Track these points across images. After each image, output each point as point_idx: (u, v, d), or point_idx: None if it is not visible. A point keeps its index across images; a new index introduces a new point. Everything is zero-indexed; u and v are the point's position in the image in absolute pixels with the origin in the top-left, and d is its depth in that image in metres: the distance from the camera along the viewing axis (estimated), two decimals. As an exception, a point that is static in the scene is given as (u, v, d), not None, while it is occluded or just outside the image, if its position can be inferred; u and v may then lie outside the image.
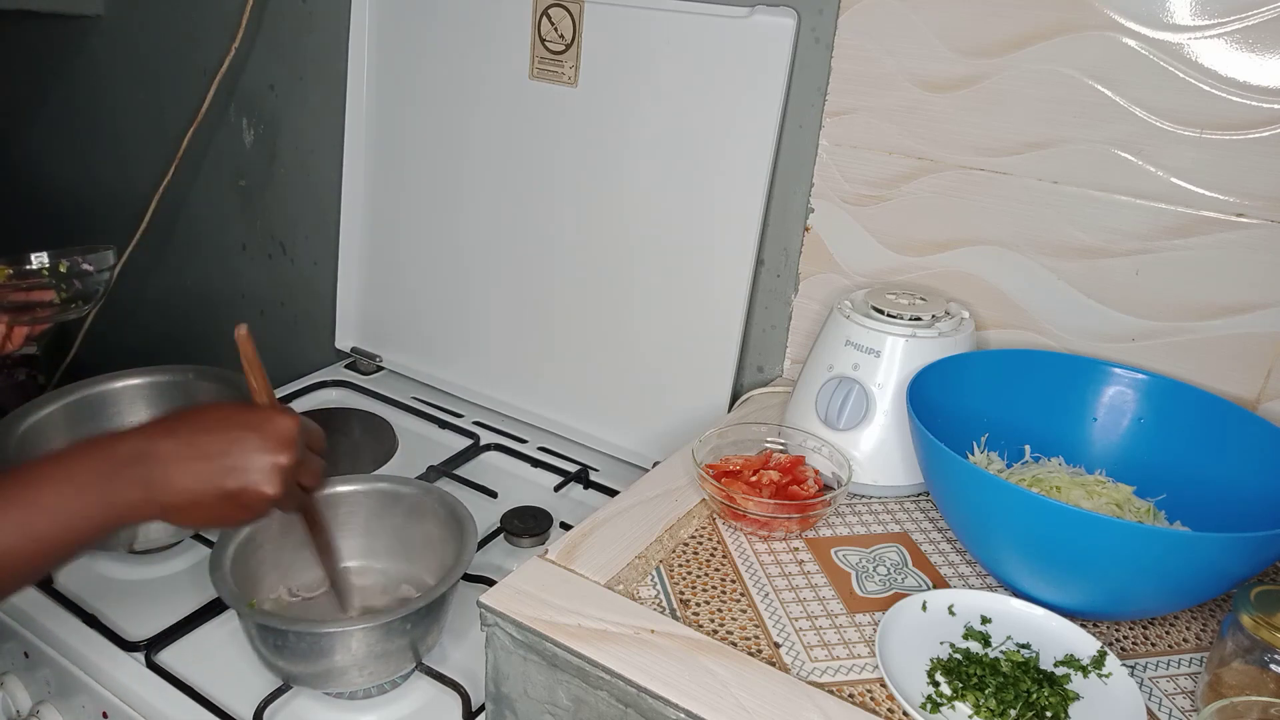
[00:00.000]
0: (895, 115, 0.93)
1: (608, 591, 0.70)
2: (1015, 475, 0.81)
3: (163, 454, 0.63)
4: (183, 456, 0.64)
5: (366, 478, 0.94)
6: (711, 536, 0.78)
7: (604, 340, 1.15)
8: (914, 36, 0.90)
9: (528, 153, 1.15)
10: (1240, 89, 0.77)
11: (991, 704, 0.60)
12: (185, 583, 0.96)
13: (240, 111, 1.47)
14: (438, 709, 0.83)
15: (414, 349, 1.35)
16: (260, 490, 0.65)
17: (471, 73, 1.17)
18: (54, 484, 0.61)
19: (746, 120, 0.99)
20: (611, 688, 0.63)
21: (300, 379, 1.34)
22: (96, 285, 0.92)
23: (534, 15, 1.10)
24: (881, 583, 0.74)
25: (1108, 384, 0.82)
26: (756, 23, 0.96)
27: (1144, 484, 0.79)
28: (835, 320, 0.87)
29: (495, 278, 1.23)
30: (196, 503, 0.64)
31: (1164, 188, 0.82)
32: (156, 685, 0.83)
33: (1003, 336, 0.93)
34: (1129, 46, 0.80)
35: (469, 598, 0.88)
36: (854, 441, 0.84)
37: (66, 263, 0.90)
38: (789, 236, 1.03)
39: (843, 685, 0.63)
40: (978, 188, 0.90)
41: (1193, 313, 0.84)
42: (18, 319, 0.90)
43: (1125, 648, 0.68)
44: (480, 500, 1.09)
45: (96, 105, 1.66)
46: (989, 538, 0.70)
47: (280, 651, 0.78)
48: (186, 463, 0.63)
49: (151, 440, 0.64)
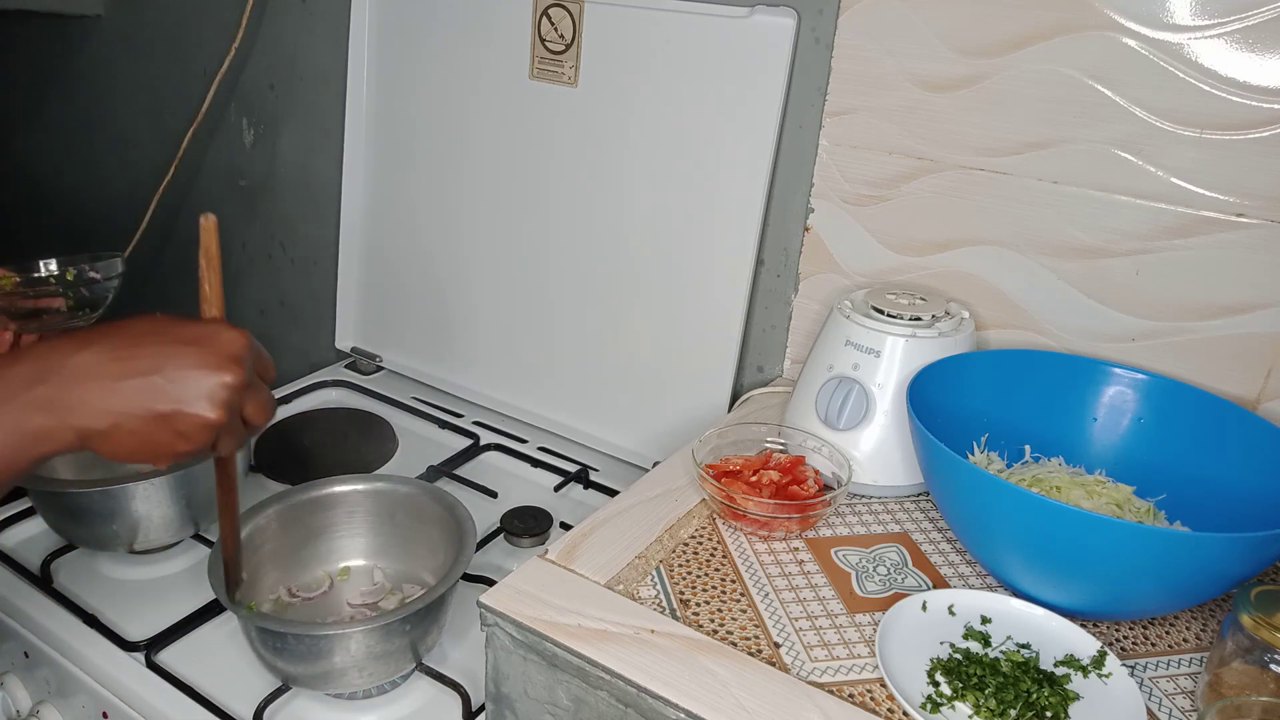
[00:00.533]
0: (895, 115, 0.93)
1: (608, 591, 0.70)
2: (1015, 475, 0.80)
3: (77, 369, 0.54)
4: (102, 373, 0.55)
5: (366, 478, 0.94)
6: (711, 536, 0.78)
7: (604, 340, 1.15)
8: (914, 36, 0.90)
9: (527, 153, 1.15)
10: (1240, 89, 0.77)
11: (991, 704, 0.60)
12: (185, 583, 0.95)
13: (240, 111, 1.47)
14: (438, 709, 0.83)
15: (414, 349, 1.35)
16: (199, 413, 0.56)
17: (471, 73, 1.17)
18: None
19: (746, 120, 0.99)
20: (611, 688, 0.63)
21: (300, 379, 1.34)
22: (104, 293, 0.92)
23: (534, 15, 1.10)
24: (881, 583, 0.74)
25: (1108, 384, 0.82)
26: (756, 23, 0.96)
27: (1144, 484, 0.79)
28: (835, 320, 0.87)
29: (495, 278, 1.23)
30: (119, 426, 0.55)
31: (1164, 188, 0.82)
32: (156, 685, 0.83)
33: (1003, 336, 0.93)
34: (1129, 46, 0.80)
35: (469, 598, 0.88)
36: (854, 441, 0.84)
37: (74, 270, 0.90)
38: (789, 236, 1.03)
39: (843, 685, 0.63)
40: (978, 188, 0.90)
41: (1193, 313, 0.84)
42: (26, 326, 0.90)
43: (1125, 648, 0.68)
44: (480, 500, 1.09)
45: (96, 106, 1.66)
46: (989, 538, 0.70)
47: (280, 653, 0.78)
48: (107, 381, 0.54)
49: (62, 354, 0.55)
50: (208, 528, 0.98)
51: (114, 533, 0.92)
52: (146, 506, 0.92)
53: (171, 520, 0.94)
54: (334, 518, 0.92)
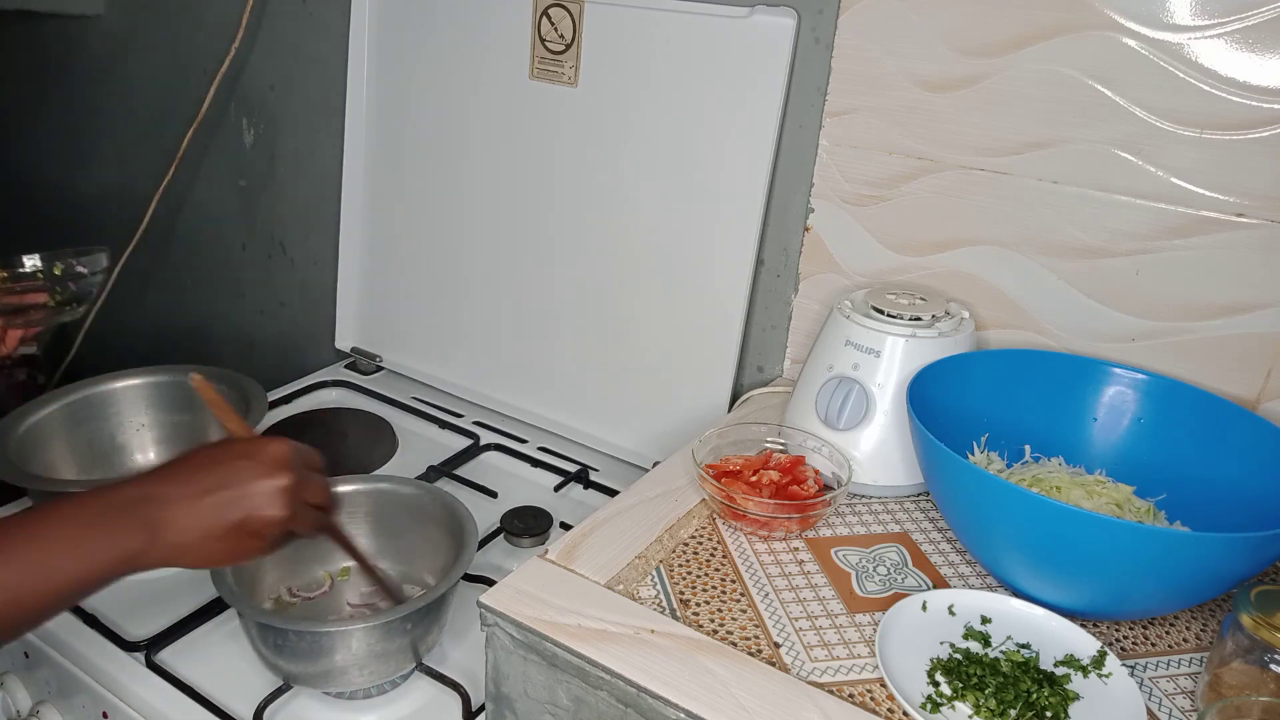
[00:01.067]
0: (895, 115, 0.93)
1: (608, 591, 0.70)
2: (1015, 475, 0.81)
3: (163, 495, 0.64)
4: (183, 496, 0.64)
5: (366, 478, 0.94)
6: (711, 536, 0.78)
7: (604, 340, 1.15)
8: (914, 36, 0.90)
9: (528, 153, 1.15)
10: (1240, 89, 0.77)
11: (991, 704, 0.60)
12: (185, 583, 0.95)
13: (240, 111, 1.47)
14: (438, 709, 0.83)
15: (414, 349, 1.35)
16: (266, 514, 0.66)
17: (471, 73, 1.17)
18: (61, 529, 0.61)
19: (746, 120, 0.99)
20: (611, 688, 0.63)
21: (300, 379, 1.34)
22: (90, 287, 0.92)
23: (534, 15, 1.10)
24: (881, 583, 0.74)
25: (1108, 384, 0.82)
26: (756, 23, 0.96)
27: (1144, 484, 0.79)
28: (835, 320, 0.87)
29: (495, 278, 1.23)
30: (205, 538, 0.65)
31: (1164, 188, 0.82)
32: (156, 685, 0.83)
33: (1003, 336, 0.93)
34: (1129, 46, 0.80)
35: (469, 598, 0.88)
36: (854, 441, 0.84)
37: (61, 265, 0.90)
38: (789, 236, 1.03)
39: (843, 685, 0.63)
40: (978, 188, 0.90)
41: (1193, 313, 0.84)
42: (11, 322, 0.90)
43: (1125, 648, 0.68)
44: (480, 500, 1.09)
45: (96, 105, 1.66)
46: (989, 538, 0.70)
47: (280, 651, 0.78)
48: (188, 501, 0.64)
49: (152, 484, 0.65)
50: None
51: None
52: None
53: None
54: (334, 518, 0.92)
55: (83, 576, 0.61)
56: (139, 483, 0.65)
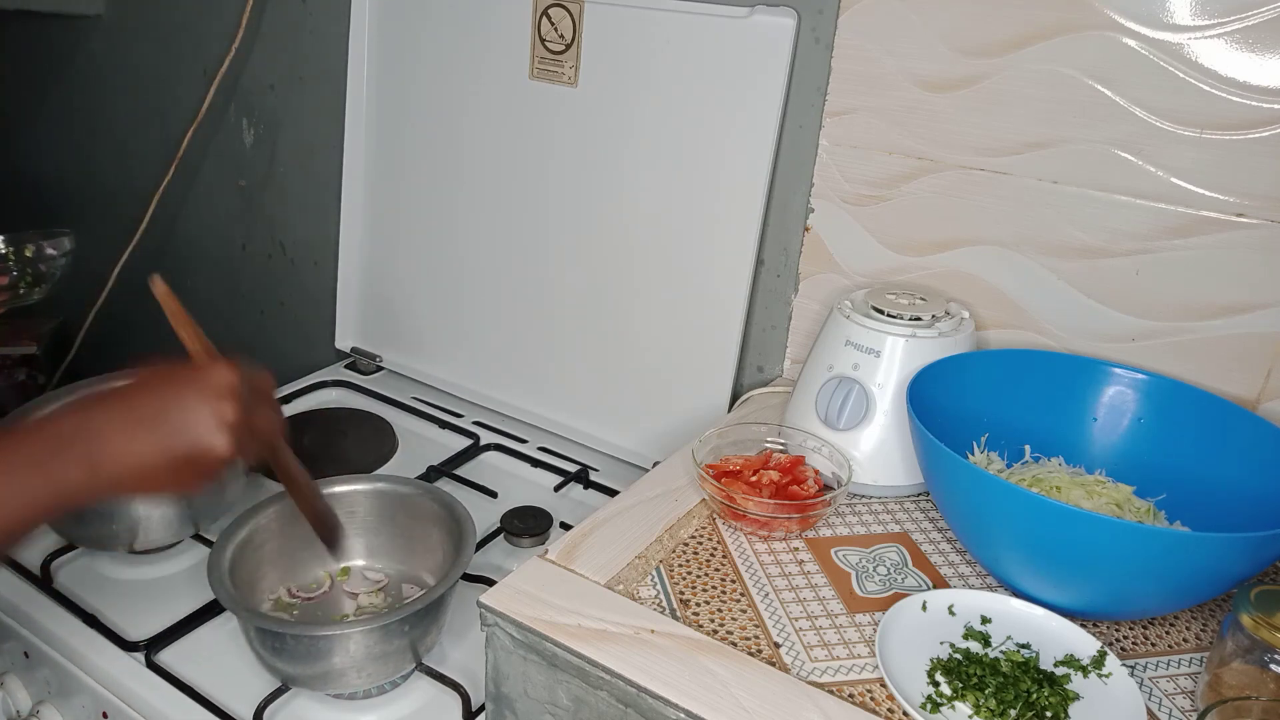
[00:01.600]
0: (895, 115, 0.93)
1: (608, 591, 0.70)
2: (1015, 475, 0.81)
3: (100, 427, 0.61)
4: (121, 426, 0.61)
5: (366, 478, 0.94)
6: (711, 536, 0.78)
7: (604, 340, 1.15)
8: (914, 36, 0.90)
9: (527, 153, 1.15)
10: (1240, 89, 0.77)
11: (991, 704, 0.60)
12: (185, 583, 0.95)
13: (240, 111, 1.47)
14: (438, 709, 0.83)
15: (414, 349, 1.35)
16: (209, 446, 0.62)
17: (471, 73, 1.17)
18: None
19: (746, 120, 0.99)
20: (611, 688, 0.63)
21: (300, 379, 1.34)
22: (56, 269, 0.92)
23: (534, 15, 1.10)
24: (881, 583, 0.74)
25: (1108, 384, 0.82)
26: (756, 23, 0.96)
27: (1144, 484, 0.79)
28: (835, 320, 0.87)
29: (495, 278, 1.23)
30: (145, 471, 0.62)
31: (1164, 188, 0.82)
32: (156, 685, 0.83)
33: (1003, 336, 0.93)
34: (1129, 46, 0.80)
35: (469, 598, 0.88)
36: (854, 441, 0.84)
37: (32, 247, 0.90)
38: (789, 236, 1.03)
39: (843, 685, 0.63)
40: (978, 188, 0.90)
41: (1193, 313, 0.84)
42: None
43: (1125, 648, 0.68)
44: (480, 500, 1.09)
45: (96, 105, 1.66)
46: (989, 538, 0.70)
47: (279, 653, 0.78)
48: (126, 432, 0.61)
49: (87, 415, 0.62)
50: (208, 527, 0.98)
51: (114, 533, 0.93)
52: (146, 506, 0.92)
53: (171, 520, 0.94)
54: (334, 518, 0.92)
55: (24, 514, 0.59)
56: (74, 412, 0.62)
